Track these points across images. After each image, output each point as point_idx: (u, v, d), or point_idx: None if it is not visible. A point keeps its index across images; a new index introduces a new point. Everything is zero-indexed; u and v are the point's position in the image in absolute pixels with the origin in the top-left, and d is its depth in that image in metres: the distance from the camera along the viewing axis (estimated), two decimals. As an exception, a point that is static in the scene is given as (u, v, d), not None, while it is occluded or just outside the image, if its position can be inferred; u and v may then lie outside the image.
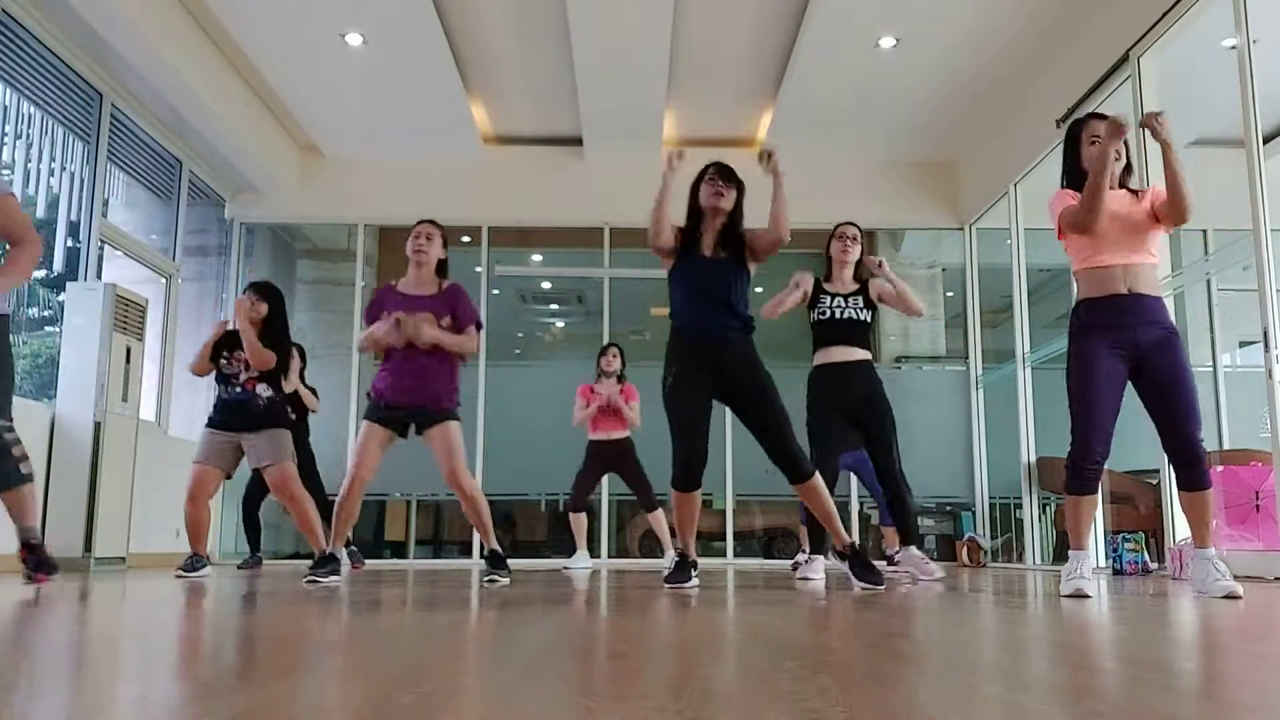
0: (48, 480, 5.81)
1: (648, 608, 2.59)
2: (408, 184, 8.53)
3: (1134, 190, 3.42)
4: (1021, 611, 2.51)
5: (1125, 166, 3.41)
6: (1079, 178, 3.38)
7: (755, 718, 0.95)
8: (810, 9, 6.30)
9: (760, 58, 7.14)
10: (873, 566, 3.77)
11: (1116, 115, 3.18)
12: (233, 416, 4.89)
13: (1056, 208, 3.39)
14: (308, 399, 6.51)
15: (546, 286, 10.20)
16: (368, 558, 8.29)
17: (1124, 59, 5.84)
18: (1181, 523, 5.20)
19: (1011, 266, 7.69)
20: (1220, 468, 5.21)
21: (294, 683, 1.18)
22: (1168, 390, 3.21)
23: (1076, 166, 3.41)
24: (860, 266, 4.81)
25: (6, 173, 6.09)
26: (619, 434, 6.53)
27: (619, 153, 8.26)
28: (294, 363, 6.14)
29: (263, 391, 4.91)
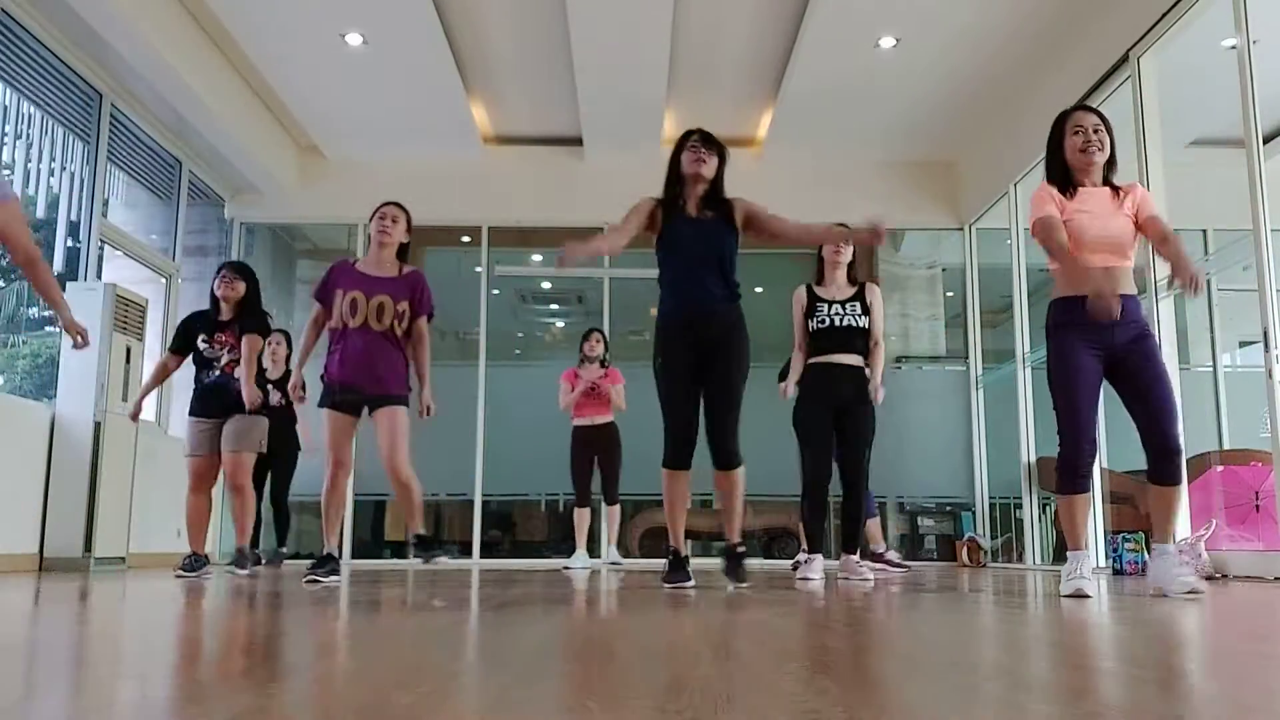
0: (48, 480, 5.81)
1: (648, 608, 2.59)
2: (408, 184, 8.50)
3: (1116, 188, 3.39)
4: (1021, 611, 2.51)
5: (1108, 161, 3.40)
6: (1060, 170, 3.40)
7: (756, 718, 0.95)
8: (810, 9, 6.30)
9: (760, 57, 7.14)
10: (743, 567, 3.82)
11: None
12: (211, 402, 4.91)
13: (1034, 210, 3.39)
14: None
15: (546, 286, 10.19)
16: (368, 558, 8.29)
17: (1124, 59, 5.84)
18: (1182, 523, 5.20)
19: (1011, 266, 7.69)
20: (1220, 468, 5.21)
21: (294, 683, 1.18)
22: (1146, 386, 3.23)
23: (1058, 158, 3.42)
24: (853, 268, 4.81)
25: (6, 173, 6.09)
26: (603, 419, 6.58)
27: (619, 153, 8.26)
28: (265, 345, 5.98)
29: (240, 375, 4.91)
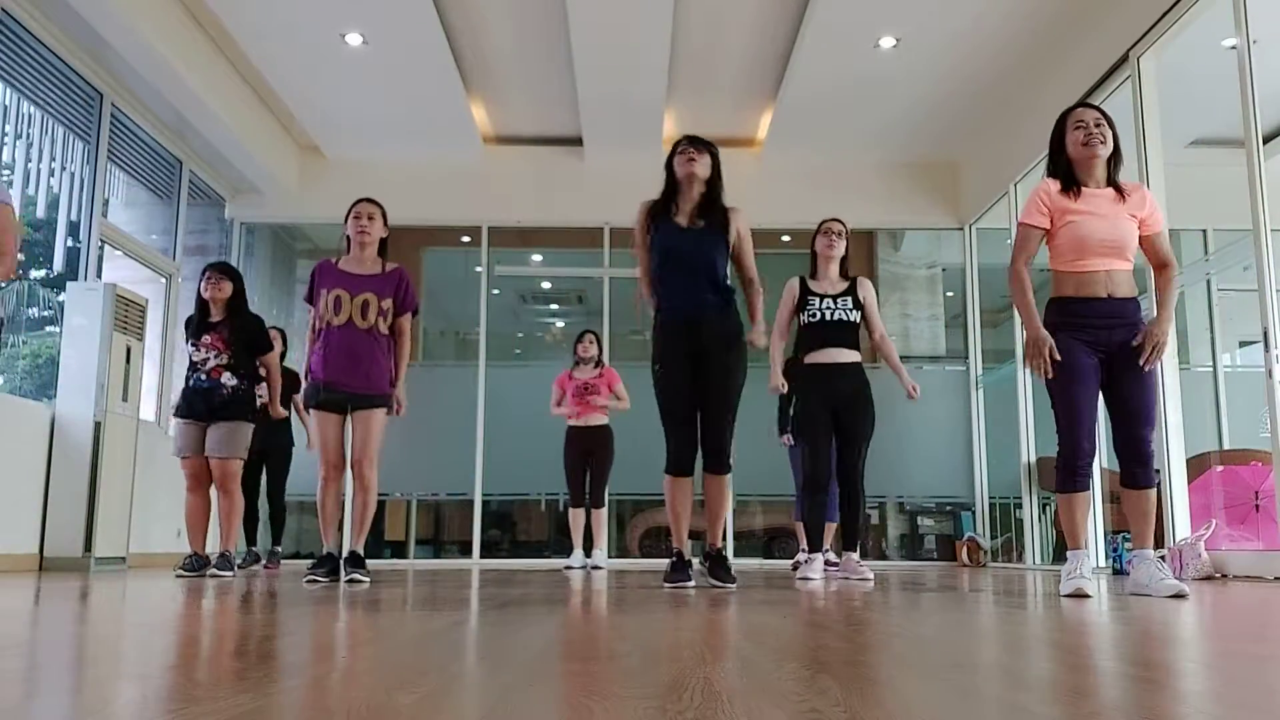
0: (48, 480, 5.81)
1: (648, 608, 2.59)
2: (408, 184, 8.53)
3: (1120, 189, 3.37)
4: (1021, 611, 2.51)
5: (1113, 156, 3.39)
6: (1063, 167, 3.40)
7: (756, 718, 0.95)
8: (810, 9, 6.30)
9: (760, 58, 7.14)
10: (728, 568, 3.85)
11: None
12: (197, 404, 4.90)
13: (1029, 207, 3.38)
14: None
15: (546, 286, 10.19)
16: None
17: (1124, 59, 5.84)
18: (1181, 522, 5.20)
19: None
20: (1220, 468, 5.21)
21: (294, 683, 1.18)
22: (1131, 389, 3.25)
23: (1060, 154, 3.42)
24: (846, 262, 4.82)
25: (7, 173, 6.09)
26: (597, 421, 6.58)
27: (619, 153, 8.26)
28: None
29: (228, 380, 4.90)
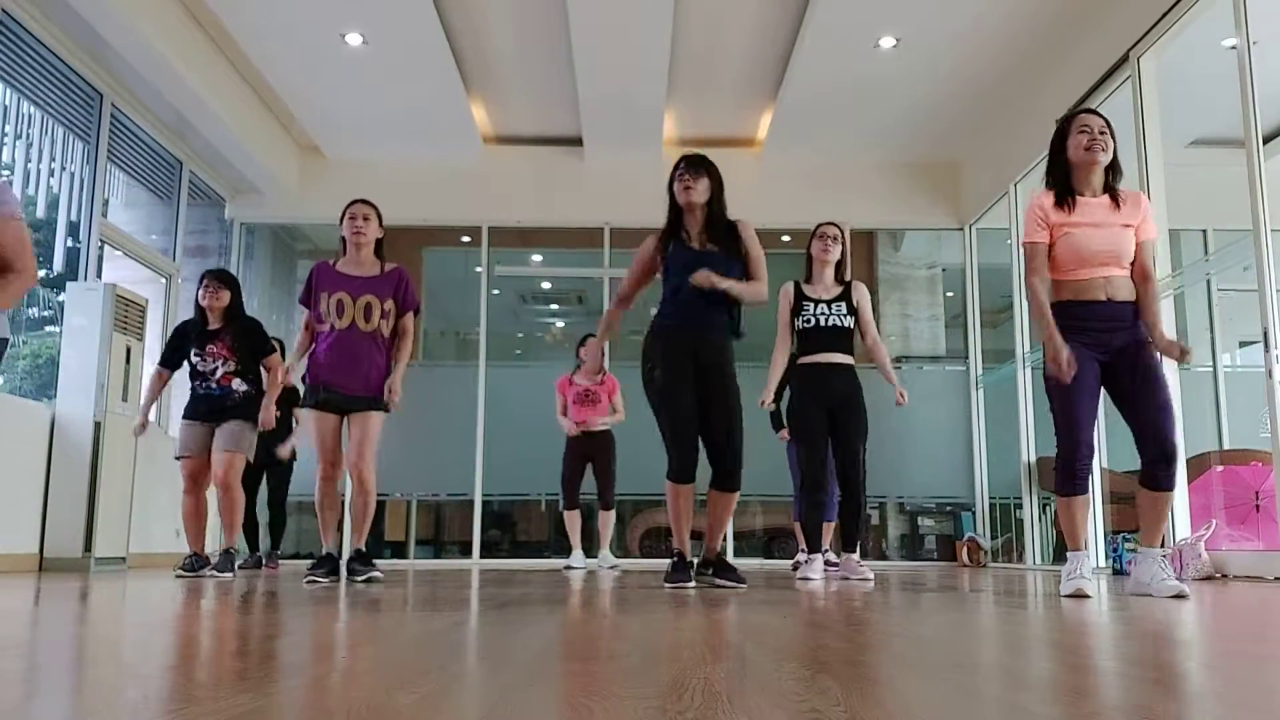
0: (48, 480, 5.81)
1: (648, 608, 2.59)
2: (408, 184, 8.53)
3: (1116, 196, 3.36)
4: (1021, 611, 2.51)
5: (1111, 166, 3.38)
6: (1062, 173, 3.38)
7: (756, 718, 0.95)
8: (810, 9, 6.30)
9: (760, 58, 7.14)
10: (734, 569, 3.83)
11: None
12: (208, 410, 4.91)
13: (1028, 225, 3.38)
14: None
15: (546, 286, 10.19)
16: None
17: (1124, 59, 5.84)
18: (1181, 522, 5.20)
19: (1011, 266, 7.69)
20: (1220, 468, 5.21)
21: (294, 683, 1.18)
22: (1143, 389, 3.22)
23: (1061, 161, 3.39)
24: (843, 266, 4.80)
25: (6, 173, 6.09)
26: (599, 426, 6.53)
27: (619, 153, 8.26)
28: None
29: (238, 387, 4.93)
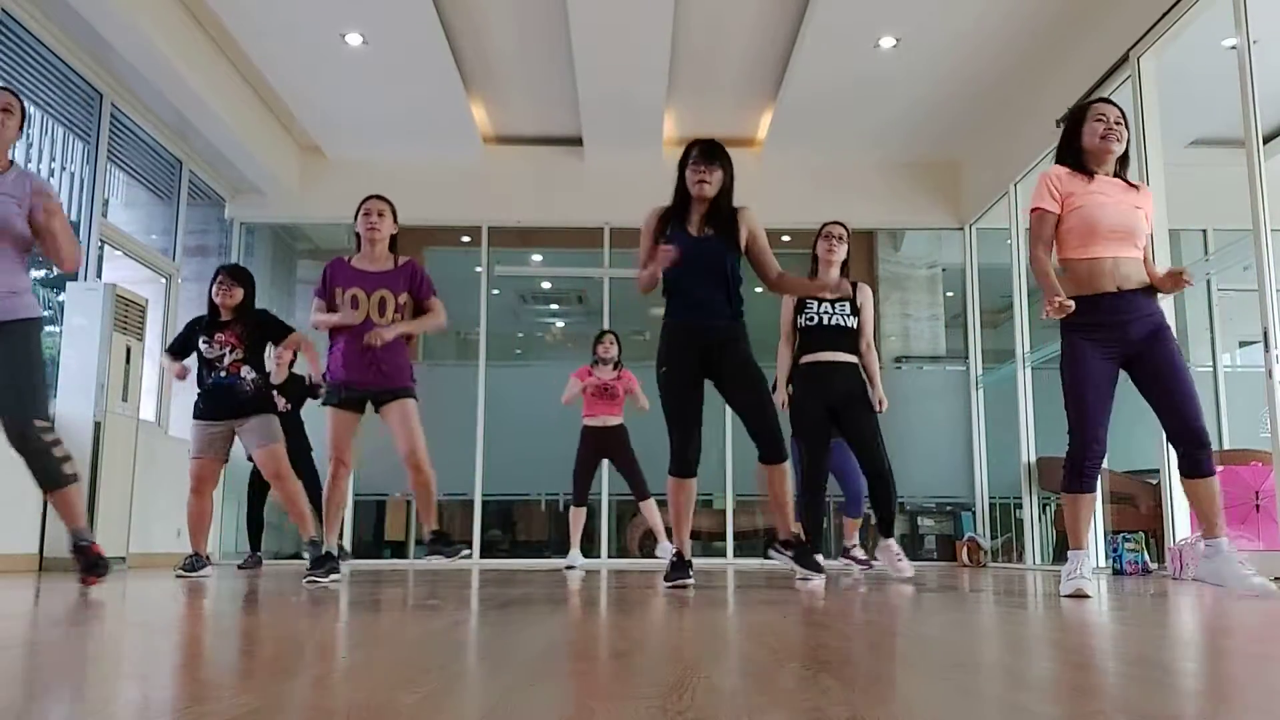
0: (48, 480, 5.81)
1: (648, 608, 2.59)
2: (408, 184, 8.50)
3: (1130, 182, 3.37)
4: (1022, 611, 2.51)
5: (1122, 157, 3.38)
6: (1076, 154, 3.36)
7: (757, 717, 0.95)
8: (810, 9, 6.30)
9: (760, 58, 7.14)
10: (814, 557, 3.88)
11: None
12: (221, 404, 4.88)
13: (1038, 192, 3.37)
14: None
15: (546, 286, 10.20)
16: (368, 558, 8.30)
17: (1124, 59, 5.84)
18: (1181, 522, 5.20)
19: (1011, 266, 7.69)
20: (1220, 468, 5.20)
21: (295, 683, 1.18)
22: (1167, 380, 3.20)
23: (1075, 142, 3.37)
24: (846, 265, 4.81)
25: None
26: (614, 420, 6.55)
27: (619, 153, 8.26)
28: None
29: (248, 375, 4.90)
